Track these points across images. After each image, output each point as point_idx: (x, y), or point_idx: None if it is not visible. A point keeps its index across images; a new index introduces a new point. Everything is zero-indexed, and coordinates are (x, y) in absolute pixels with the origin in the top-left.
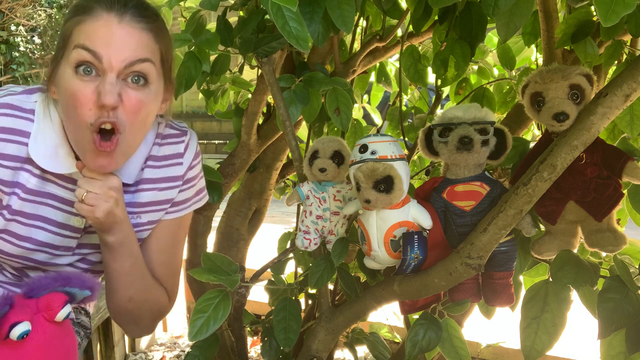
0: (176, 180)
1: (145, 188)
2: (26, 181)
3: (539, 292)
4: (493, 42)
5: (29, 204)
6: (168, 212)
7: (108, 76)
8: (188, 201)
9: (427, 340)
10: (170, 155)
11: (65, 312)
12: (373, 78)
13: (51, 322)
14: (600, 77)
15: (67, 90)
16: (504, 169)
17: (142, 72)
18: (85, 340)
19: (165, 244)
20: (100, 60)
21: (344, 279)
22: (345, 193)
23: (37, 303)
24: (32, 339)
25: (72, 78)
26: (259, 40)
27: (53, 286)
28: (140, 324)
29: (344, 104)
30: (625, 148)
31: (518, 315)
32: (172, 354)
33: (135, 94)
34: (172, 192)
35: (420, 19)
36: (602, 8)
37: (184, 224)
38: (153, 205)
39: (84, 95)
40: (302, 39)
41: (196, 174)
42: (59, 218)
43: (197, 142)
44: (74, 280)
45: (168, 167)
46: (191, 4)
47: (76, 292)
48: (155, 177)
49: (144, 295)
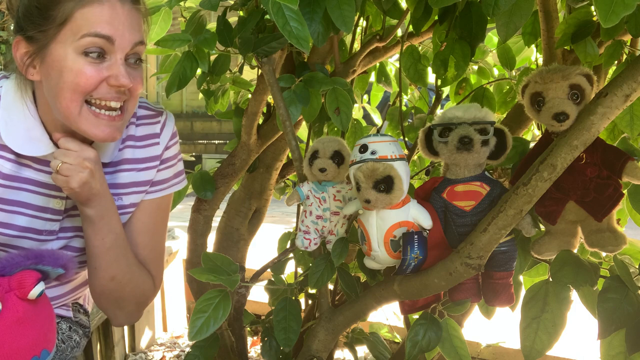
0: (154, 160)
1: (124, 168)
2: (2, 167)
3: (539, 292)
4: (493, 42)
5: (6, 190)
6: (148, 192)
7: (118, 58)
8: (166, 182)
9: (427, 340)
10: (147, 136)
11: (38, 289)
12: (373, 78)
13: (24, 300)
14: (600, 77)
15: (69, 70)
16: (504, 169)
17: (139, 52)
18: (84, 339)
19: (147, 226)
20: (112, 43)
21: (344, 279)
22: (345, 193)
23: (9, 281)
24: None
25: (77, 60)
26: (259, 40)
27: (25, 264)
28: (124, 308)
29: (344, 104)
30: (625, 148)
31: (518, 315)
32: (172, 354)
33: (136, 72)
34: (150, 173)
35: (420, 19)
36: (602, 8)
37: (163, 205)
38: (133, 186)
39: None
40: (302, 38)
41: (174, 154)
42: (38, 202)
43: (173, 123)
44: (47, 258)
45: (146, 148)
46: (191, 4)
47: (49, 270)
48: (135, 158)
49: (127, 275)
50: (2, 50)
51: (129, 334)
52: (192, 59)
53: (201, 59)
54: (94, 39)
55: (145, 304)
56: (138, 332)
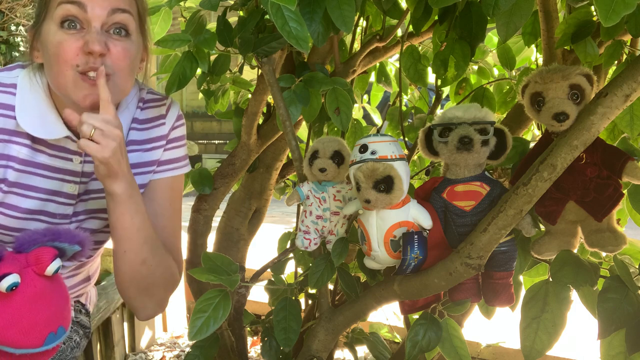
0: (160, 140)
1: (131, 149)
2: (18, 152)
3: (539, 292)
4: (493, 42)
5: (22, 174)
6: (156, 172)
7: (93, 26)
8: (175, 161)
9: (427, 340)
10: (153, 118)
11: (55, 266)
12: (373, 78)
13: (41, 276)
14: (600, 77)
15: (51, 43)
16: (504, 169)
17: (123, 22)
18: (84, 339)
19: (162, 207)
20: (84, 10)
21: (344, 279)
22: (345, 193)
23: (26, 257)
24: (21, 292)
25: (57, 32)
26: (258, 40)
27: (42, 241)
28: (154, 295)
29: (344, 104)
30: (625, 148)
31: (518, 315)
32: (172, 354)
33: (119, 43)
34: (157, 152)
35: (420, 19)
36: (603, 8)
37: (176, 187)
38: (140, 167)
39: (69, 42)
40: (302, 39)
41: (180, 135)
42: (51, 186)
43: (178, 107)
44: (64, 235)
45: (152, 129)
46: (191, 4)
47: (66, 247)
48: (140, 139)
49: (156, 257)
50: (2, 50)
51: (129, 334)
52: (192, 59)
53: (201, 59)
54: (66, 5)
55: (172, 289)
56: (138, 332)
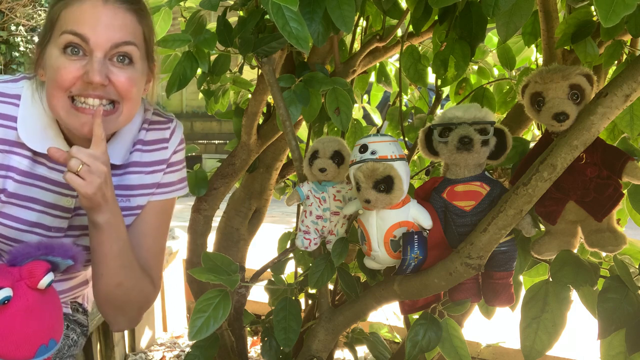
0: (162, 164)
1: (133, 171)
2: (19, 164)
3: (539, 292)
4: (493, 42)
5: (21, 185)
6: (154, 194)
7: (95, 55)
8: (172, 185)
9: (427, 340)
10: (157, 140)
11: (48, 279)
12: (373, 78)
13: (33, 290)
14: (600, 77)
15: (52, 67)
16: (504, 169)
17: (126, 53)
18: (82, 338)
19: (151, 228)
20: (87, 42)
21: (344, 279)
22: (345, 193)
23: (19, 271)
24: (13, 305)
25: (59, 57)
26: (258, 40)
27: (36, 254)
28: (127, 313)
29: (344, 104)
30: (625, 148)
31: (518, 315)
32: (172, 354)
33: (122, 71)
34: (158, 176)
35: (420, 19)
36: (603, 8)
37: (167, 208)
38: (141, 188)
39: (69, 69)
40: (302, 39)
41: (180, 159)
42: (49, 199)
43: (182, 131)
44: (57, 250)
45: (155, 152)
46: (191, 4)
47: (59, 261)
48: (143, 161)
49: (132, 280)
50: (2, 50)
51: (129, 334)
52: (192, 59)
53: (201, 59)
54: (68, 36)
55: (146, 307)
56: (138, 332)
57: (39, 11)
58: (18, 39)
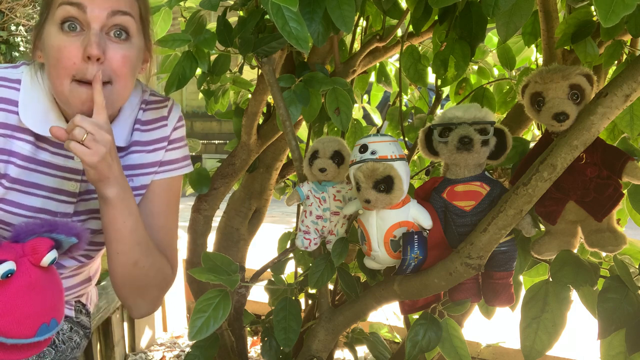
0: (162, 142)
1: (134, 150)
2: (21, 149)
3: (539, 292)
4: (493, 42)
5: (24, 171)
6: (157, 172)
7: (92, 28)
8: (175, 162)
9: (427, 340)
10: (156, 119)
11: (51, 257)
12: (373, 78)
13: (36, 266)
14: (600, 77)
15: (52, 46)
16: (504, 169)
17: (123, 24)
18: (84, 340)
19: (160, 208)
20: (84, 11)
21: (344, 279)
22: (345, 193)
23: (23, 247)
24: (16, 280)
25: (58, 34)
26: (258, 40)
27: (39, 231)
28: (147, 295)
29: (344, 104)
30: (625, 148)
31: (518, 315)
32: (172, 354)
33: (119, 48)
34: (159, 154)
35: (420, 19)
36: (602, 8)
37: (174, 187)
38: (143, 167)
39: (68, 48)
40: (302, 39)
41: (181, 136)
42: (53, 184)
43: (179, 109)
44: (61, 227)
45: (154, 130)
46: (191, 4)
47: (62, 239)
48: (143, 140)
49: (149, 259)
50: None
51: (129, 334)
52: (192, 59)
53: (201, 59)
54: (65, 7)
55: (166, 289)
56: (138, 332)
57: (38, 11)
58: (18, 39)
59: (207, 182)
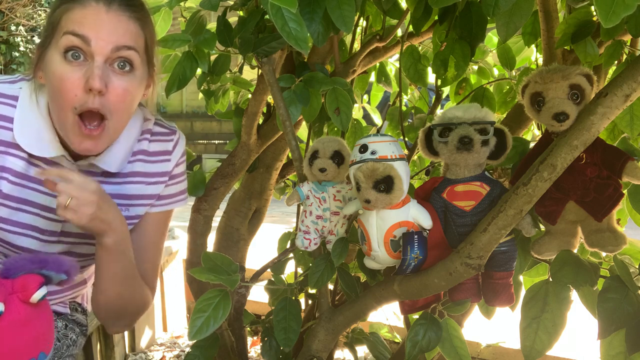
0: (164, 176)
1: (134, 181)
2: (14, 165)
3: (539, 292)
4: (493, 42)
5: (16, 187)
6: (154, 205)
7: (96, 60)
8: (172, 197)
9: (427, 340)
10: (160, 152)
11: (41, 294)
12: (373, 78)
13: (26, 303)
14: (600, 77)
15: (54, 74)
16: (504, 169)
17: (127, 57)
18: (81, 337)
19: (150, 239)
20: (88, 44)
21: (344, 279)
22: (345, 193)
23: (12, 284)
24: (5, 319)
25: (61, 63)
26: (258, 40)
27: (29, 268)
28: (123, 319)
29: (344, 104)
30: (625, 148)
31: (518, 315)
32: (172, 354)
33: (121, 81)
34: (159, 187)
35: (420, 19)
36: (603, 9)
37: (166, 220)
38: (141, 198)
39: (71, 79)
40: (301, 39)
41: (182, 171)
42: (43, 201)
43: (184, 143)
44: (51, 263)
45: (157, 163)
46: (191, 4)
47: (52, 275)
48: (145, 171)
49: (132, 291)
50: (2, 50)
51: (129, 334)
52: (192, 59)
53: (201, 59)
54: (69, 37)
55: (141, 314)
56: (138, 332)
57: (38, 11)
58: (18, 39)
59: (202, 186)
